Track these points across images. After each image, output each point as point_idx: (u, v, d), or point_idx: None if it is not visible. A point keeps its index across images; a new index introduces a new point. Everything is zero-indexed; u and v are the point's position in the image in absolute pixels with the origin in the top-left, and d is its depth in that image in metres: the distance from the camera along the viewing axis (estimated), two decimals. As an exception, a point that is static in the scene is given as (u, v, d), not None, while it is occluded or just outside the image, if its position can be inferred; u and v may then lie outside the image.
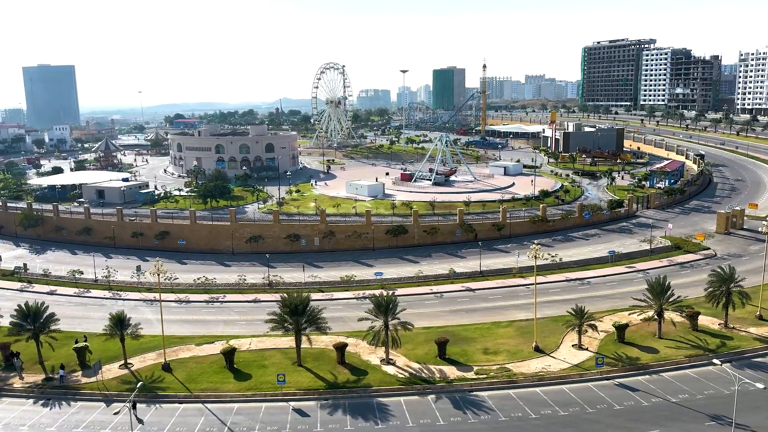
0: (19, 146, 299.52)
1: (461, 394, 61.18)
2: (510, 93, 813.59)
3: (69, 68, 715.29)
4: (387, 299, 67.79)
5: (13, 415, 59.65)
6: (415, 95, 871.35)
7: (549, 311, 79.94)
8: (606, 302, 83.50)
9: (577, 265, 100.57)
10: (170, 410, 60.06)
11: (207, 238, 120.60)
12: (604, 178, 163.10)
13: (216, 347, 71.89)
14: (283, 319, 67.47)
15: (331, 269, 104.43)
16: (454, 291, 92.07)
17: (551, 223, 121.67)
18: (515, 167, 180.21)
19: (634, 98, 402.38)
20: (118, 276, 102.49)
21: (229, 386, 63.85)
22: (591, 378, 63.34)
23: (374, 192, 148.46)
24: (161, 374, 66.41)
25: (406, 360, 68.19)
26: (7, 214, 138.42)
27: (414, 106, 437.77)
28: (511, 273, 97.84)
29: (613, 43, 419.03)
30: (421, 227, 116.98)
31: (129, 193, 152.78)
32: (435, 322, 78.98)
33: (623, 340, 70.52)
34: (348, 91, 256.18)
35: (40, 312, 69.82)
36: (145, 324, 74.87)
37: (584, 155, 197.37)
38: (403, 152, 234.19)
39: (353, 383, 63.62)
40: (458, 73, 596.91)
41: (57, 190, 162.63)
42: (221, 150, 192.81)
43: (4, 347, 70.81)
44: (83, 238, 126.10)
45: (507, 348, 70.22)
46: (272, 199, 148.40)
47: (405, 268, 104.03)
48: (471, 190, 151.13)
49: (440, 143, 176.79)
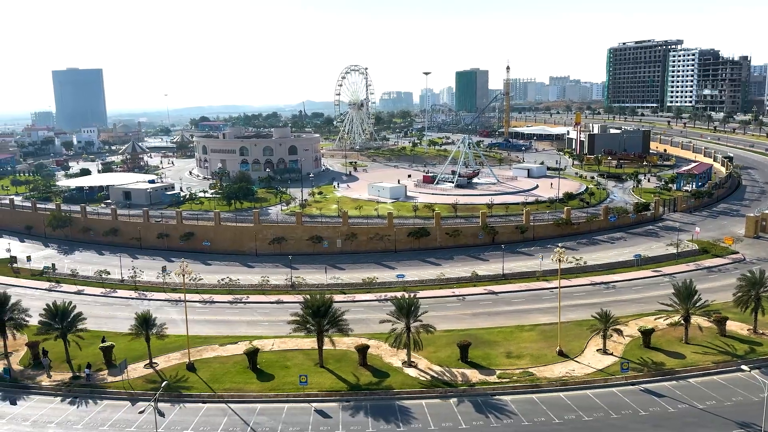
0: (48, 148, 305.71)
1: (483, 398, 60.80)
2: (534, 94, 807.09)
3: (97, 72, 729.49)
4: (409, 301, 67.71)
5: (41, 413, 60.82)
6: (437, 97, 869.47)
7: (573, 315, 79.07)
8: (631, 306, 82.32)
9: (602, 268, 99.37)
10: (194, 410, 60.69)
11: (231, 240, 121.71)
12: (629, 181, 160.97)
13: (239, 347, 72.49)
14: (306, 320, 67.80)
15: (353, 271, 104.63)
16: (476, 294, 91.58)
17: (576, 226, 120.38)
18: (539, 169, 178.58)
19: (661, 100, 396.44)
20: (143, 276, 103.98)
21: (252, 386, 64.32)
22: (616, 383, 62.49)
23: (396, 194, 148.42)
24: (185, 374, 67.15)
25: (428, 363, 68.00)
26: (37, 215, 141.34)
27: (436, 108, 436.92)
28: (535, 276, 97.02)
29: (639, 44, 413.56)
30: (443, 230, 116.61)
31: (155, 194, 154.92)
32: (457, 325, 78.64)
33: (649, 345, 69.47)
34: (370, 93, 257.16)
35: (68, 311, 71.06)
36: (170, 324, 75.83)
37: (610, 157, 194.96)
38: (425, 154, 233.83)
39: (375, 385, 63.64)
40: (481, 75, 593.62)
41: (85, 191, 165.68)
42: (245, 152, 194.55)
43: (32, 346, 72.34)
44: (110, 239, 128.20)
45: (530, 352, 69.62)
46: (295, 201, 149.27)
47: (427, 270, 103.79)
48: (494, 192, 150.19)
49: (463, 145, 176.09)
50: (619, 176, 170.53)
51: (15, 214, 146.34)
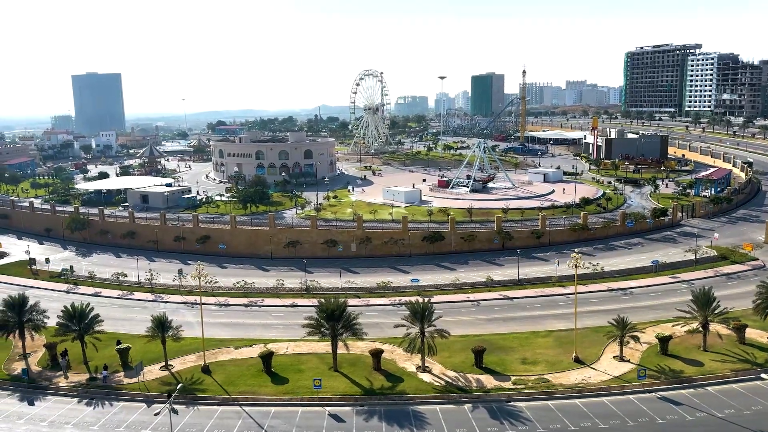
0: (67, 152, 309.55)
1: (498, 404, 60.41)
2: (550, 99, 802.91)
3: (116, 76, 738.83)
4: (423, 306, 67.54)
5: (59, 413, 61.44)
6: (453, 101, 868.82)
7: (589, 321, 78.37)
8: (649, 313, 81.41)
9: (619, 274, 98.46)
10: (209, 412, 60.95)
11: (246, 243, 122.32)
12: (647, 186, 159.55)
13: (254, 351, 72.74)
14: (320, 324, 67.89)
15: (368, 275, 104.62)
16: (491, 299, 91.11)
17: (592, 232, 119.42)
18: (555, 174, 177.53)
19: (679, 104, 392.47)
20: (160, 279, 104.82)
21: (266, 390, 64.47)
22: (633, 390, 61.82)
23: (411, 198, 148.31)
24: (201, 376, 67.50)
25: (442, 368, 67.73)
26: (56, 218, 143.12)
27: (452, 113, 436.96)
28: (551, 282, 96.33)
29: (657, 48, 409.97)
30: (458, 234, 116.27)
31: (172, 198, 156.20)
32: (472, 330, 78.28)
33: (666, 352, 68.65)
34: (386, 98, 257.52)
35: (85, 313, 71.78)
36: (186, 326, 76.35)
37: (627, 162, 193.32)
38: (440, 159, 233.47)
39: (389, 390, 63.50)
40: (497, 79, 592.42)
41: (103, 194, 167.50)
42: (261, 156, 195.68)
43: (50, 347, 73.16)
44: (127, 242, 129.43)
45: (546, 358, 69.07)
46: (310, 204, 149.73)
47: (441, 275, 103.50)
48: (509, 197, 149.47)
49: (478, 150, 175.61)
50: (637, 181, 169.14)
51: (34, 216, 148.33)
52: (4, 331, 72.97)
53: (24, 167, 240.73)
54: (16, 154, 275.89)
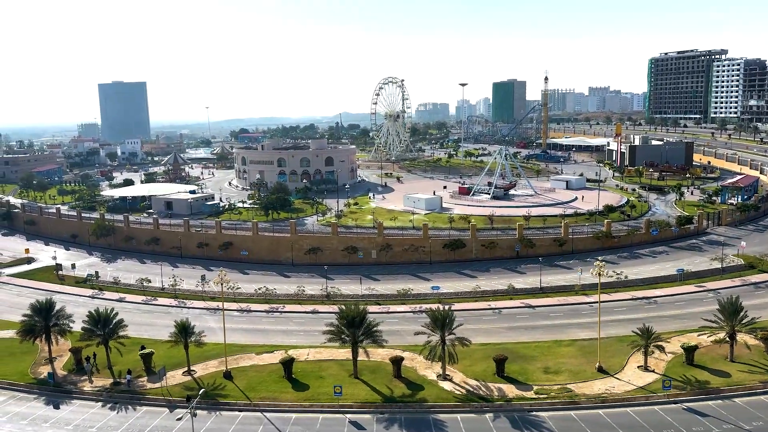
0: (93, 159, 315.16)
1: (520, 414, 59.80)
2: (573, 105, 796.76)
3: (141, 85, 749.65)
4: (444, 314, 67.25)
5: (83, 417, 62.24)
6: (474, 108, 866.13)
7: (613, 331, 77.33)
8: (674, 323, 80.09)
9: (643, 283, 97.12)
10: (230, 418, 61.28)
11: (268, 249, 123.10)
12: (672, 193, 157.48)
13: (275, 356, 73.04)
14: (341, 330, 67.96)
15: (388, 282, 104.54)
16: (513, 307, 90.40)
17: (616, 240, 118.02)
18: (578, 181, 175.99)
19: (704, 111, 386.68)
20: (183, 285, 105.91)
21: (287, 396, 64.65)
22: (658, 401, 60.78)
23: (432, 205, 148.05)
24: (222, 382, 67.93)
25: (463, 376, 67.30)
26: (82, 224, 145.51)
27: (473, 119, 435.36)
28: (573, 290, 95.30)
29: (681, 54, 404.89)
30: (479, 241, 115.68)
31: (195, 204, 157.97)
32: (493, 339, 77.69)
33: (692, 362, 67.44)
34: (407, 105, 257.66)
35: (110, 318, 72.75)
36: (208, 332, 77.03)
37: (651, 169, 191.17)
38: (461, 166, 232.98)
39: (409, 398, 63.24)
40: (519, 86, 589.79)
41: (128, 201, 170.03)
42: (283, 163, 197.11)
43: (76, 351, 74.25)
44: (151, 248, 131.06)
45: (569, 367, 68.26)
46: (331, 211, 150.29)
47: (462, 282, 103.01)
48: (531, 204, 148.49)
49: (499, 156, 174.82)
50: (661, 188, 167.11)
51: (61, 222, 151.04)
52: (31, 335, 74.28)
53: (51, 174, 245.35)
54: (44, 161, 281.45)
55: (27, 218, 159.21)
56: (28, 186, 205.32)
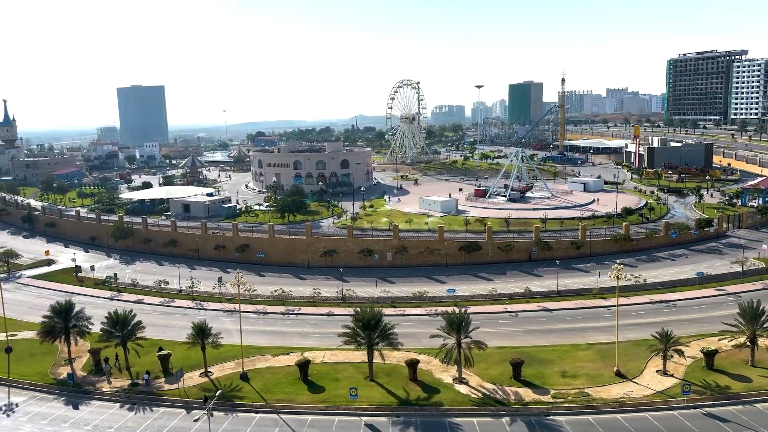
0: (112, 162, 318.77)
1: (537, 418, 59.35)
2: (590, 107, 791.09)
3: (159, 89, 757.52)
4: (459, 317, 66.99)
5: (102, 418, 62.88)
6: (490, 110, 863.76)
7: (631, 334, 76.51)
8: (693, 326, 79.05)
9: (662, 286, 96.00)
10: (246, 419, 61.54)
11: (284, 252, 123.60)
12: (691, 196, 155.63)
13: (291, 359, 73.26)
14: (356, 333, 67.99)
15: (404, 285, 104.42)
16: (529, 310, 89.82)
17: (634, 242, 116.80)
18: (596, 183, 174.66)
19: (724, 112, 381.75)
20: (200, 286, 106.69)
21: (303, 398, 64.79)
22: (677, 406, 59.98)
23: (447, 208, 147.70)
24: (239, 383, 68.26)
25: (480, 380, 66.97)
26: (101, 226, 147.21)
27: (489, 122, 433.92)
28: (591, 294, 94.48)
29: (700, 55, 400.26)
30: (495, 244, 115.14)
31: (212, 207, 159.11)
32: (510, 342, 77.25)
33: (712, 366, 66.52)
34: (422, 108, 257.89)
35: (128, 320, 73.46)
36: (225, 333, 77.45)
37: (670, 171, 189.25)
38: (477, 168, 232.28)
39: (425, 401, 63.06)
40: (535, 88, 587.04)
41: (146, 203, 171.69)
42: (299, 166, 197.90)
43: (94, 352, 75.07)
44: (169, 250, 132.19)
45: (586, 372, 67.65)
46: (346, 214, 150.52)
47: (478, 285, 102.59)
48: (548, 206, 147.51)
49: (516, 158, 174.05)
50: (681, 191, 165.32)
51: (80, 225, 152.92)
52: (51, 336, 75.27)
53: (71, 177, 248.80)
54: (64, 164, 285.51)
55: (47, 221, 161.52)
56: (49, 189, 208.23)
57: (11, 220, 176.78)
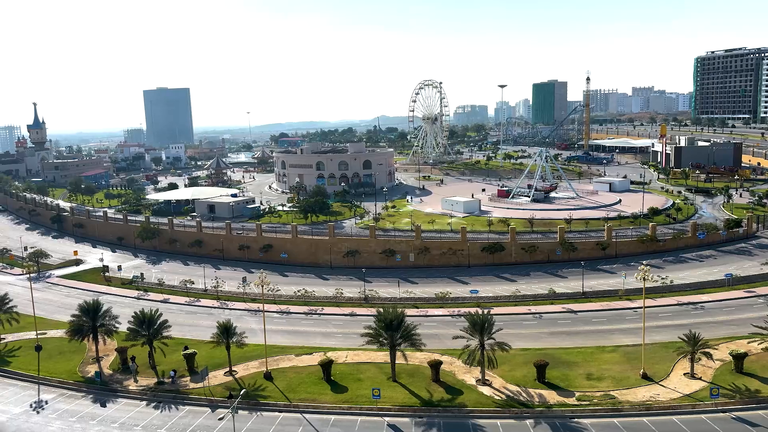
0: (139, 164, 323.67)
1: (562, 420, 58.75)
2: (615, 106, 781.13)
3: (185, 91, 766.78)
4: (483, 318, 66.63)
5: (128, 416, 63.83)
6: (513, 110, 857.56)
7: (658, 337, 75.34)
8: (722, 329, 77.57)
9: (689, 288, 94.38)
10: (270, 419, 61.95)
11: (307, 252, 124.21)
12: (720, 196, 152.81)
13: (314, 358, 73.58)
14: (379, 333, 68.02)
15: (426, 285, 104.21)
16: (554, 312, 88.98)
17: (661, 243, 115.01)
18: (622, 183, 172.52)
19: (754, 110, 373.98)
20: (225, 286, 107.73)
21: (326, 398, 65.03)
22: (705, 409, 58.91)
23: (470, 208, 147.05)
24: (263, 383, 68.76)
25: (503, 381, 66.53)
26: (128, 227, 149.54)
27: (512, 121, 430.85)
28: (617, 295, 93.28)
29: (729, 53, 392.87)
30: (519, 245, 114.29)
31: (237, 208, 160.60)
32: (534, 344, 76.61)
33: (741, 370, 65.17)
34: (445, 108, 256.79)
35: (154, 319, 74.53)
36: (249, 333, 78.10)
37: (698, 171, 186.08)
38: (500, 168, 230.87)
39: (448, 402, 62.84)
40: (559, 87, 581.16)
41: (172, 204, 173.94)
42: (322, 167, 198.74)
43: (122, 351, 76.25)
44: (195, 250, 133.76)
45: (612, 374, 66.79)
46: (369, 214, 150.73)
47: (501, 286, 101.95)
48: (573, 207, 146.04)
49: (539, 158, 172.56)
50: (708, 191, 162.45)
51: (108, 225, 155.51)
52: (80, 335, 76.61)
53: (99, 179, 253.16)
54: (92, 166, 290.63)
55: (76, 221, 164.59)
56: (77, 190, 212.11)
57: (41, 220, 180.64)
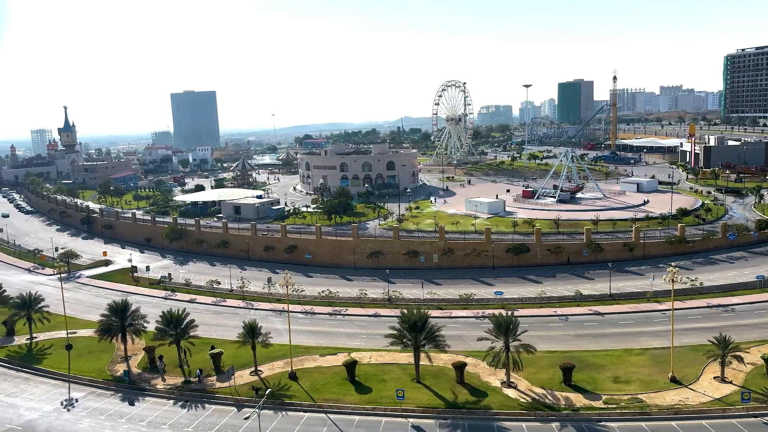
0: (166, 166, 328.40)
1: (588, 424, 58.06)
2: (643, 105, 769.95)
3: (211, 94, 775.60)
4: (507, 319, 66.16)
5: (156, 414, 64.76)
6: (538, 110, 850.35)
7: (687, 339, 74.02)
8: (753, 332, 75.88)
9: (719, 290, 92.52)
10: (295, 418, 62.32)
11: (331, 253, 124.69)
12: (751, 196, 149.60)
13: (338, 359, 73.82)
14: (403, 334, 67.97)
15: (450, 287, 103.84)
16: (580, 314, 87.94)
17: (690, 244, 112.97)
18: (649, 184, 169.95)
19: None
20: (250, 287, 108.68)
21: (350, 398, 65.18)
22: (735, 414, 57.68)
23: (494, 209, 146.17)
24: (288, 382, 69.21)
25: (528, 384, 65.98)
26: (156, 228, 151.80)
27: (537, 121, 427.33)
28: (645, 297, 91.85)
29: (760, 50, 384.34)
30: (544, 246, 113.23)
31: (262, 209, 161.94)
32: (559, 346, 75.83)
33: (775, 374, 63.65)
34: (468, 108, 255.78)
35: (182, 319, 75.46)
36: (274, 333, 78.68)
37: (728, 171, 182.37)
38: (525, 168, 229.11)
39: (473, 404, 62.52)
40: (585, 86, 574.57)
41: (199, 206, 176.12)
42: (345, 168, 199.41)
43: (149, 350, 77.40)
44: (221, 251, 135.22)
45: (640, 377, 65.79)
46: (392, 215, 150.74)
47: (526, 288, 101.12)
48: (599, 207, 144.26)
49: (565, 159, 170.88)
50: (739, 191, 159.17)
51: (136, 227, 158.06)
52: (109, 334, 77.95)
53: (127, 180, 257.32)
54: (121, 168, 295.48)
55: (105, 222, 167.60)
56: (106, 192, 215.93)
57: (71, 222, 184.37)
